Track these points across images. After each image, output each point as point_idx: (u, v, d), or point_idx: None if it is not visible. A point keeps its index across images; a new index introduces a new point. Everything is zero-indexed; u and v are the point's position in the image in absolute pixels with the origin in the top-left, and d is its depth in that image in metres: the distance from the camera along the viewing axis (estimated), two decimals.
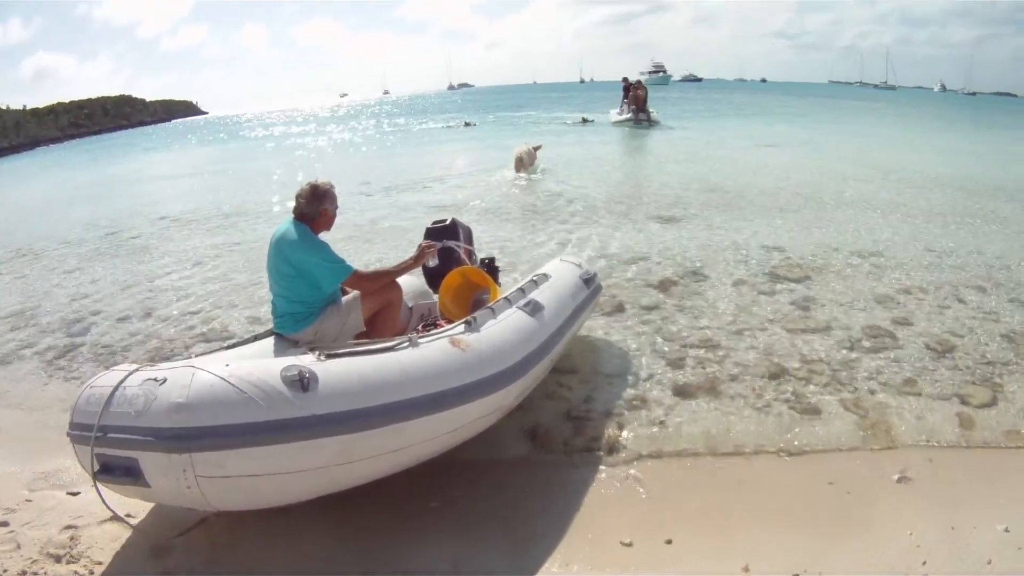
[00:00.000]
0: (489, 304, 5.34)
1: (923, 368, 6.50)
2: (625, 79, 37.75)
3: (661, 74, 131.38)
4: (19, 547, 4.22)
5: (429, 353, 4.35)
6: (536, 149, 21.87)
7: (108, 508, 3.90)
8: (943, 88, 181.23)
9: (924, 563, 3.82)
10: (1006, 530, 4.13)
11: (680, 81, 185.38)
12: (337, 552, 4.18)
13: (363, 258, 11.15)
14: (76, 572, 3.98)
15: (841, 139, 30.82)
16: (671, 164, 22.49)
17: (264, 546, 4.23)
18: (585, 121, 38.31)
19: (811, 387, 6.19)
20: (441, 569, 4.00)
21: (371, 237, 13.30)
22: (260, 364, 3.83)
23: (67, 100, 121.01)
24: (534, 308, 5.41)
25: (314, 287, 5.09)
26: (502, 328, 4.97)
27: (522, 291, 5.72)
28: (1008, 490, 4.64)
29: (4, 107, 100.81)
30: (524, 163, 20.26)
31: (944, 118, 48.61)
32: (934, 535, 4.09)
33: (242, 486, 3.55)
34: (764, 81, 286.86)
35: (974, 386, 6.11)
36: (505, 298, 5.47)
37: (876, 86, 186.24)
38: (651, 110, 35.40)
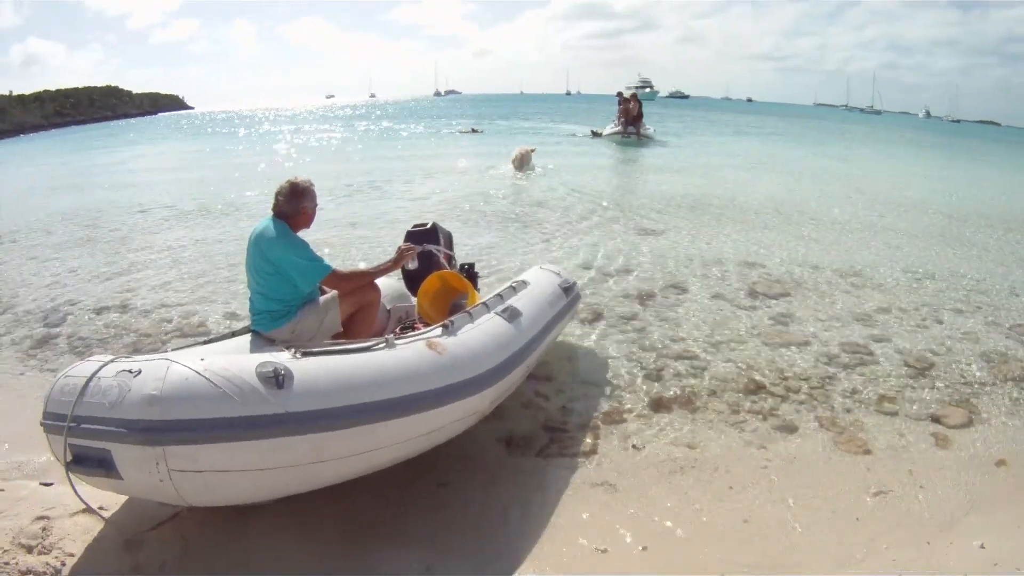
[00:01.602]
0: (467, 309, 5.35)
1: (901, 386, 6.58)
2: (620, 93, 37.65)
3: (648, 89, 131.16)
4: None
5: (405, 355, 4.35)
6: (531, 151, 24.55)
7: (80, 500, 3.87)
8: (928, 114, 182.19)
9: None
10: (981, 547, 4.18)
11: (667, 97, 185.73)
12: (307, 552, 4.17)
13: (342, 258, 11.15)
14: (48, 563, 3.94)
15: (825, 161, 31.06)
16: (656, 178, 22.68)
17: (235, 544, 4.21)
18: (595, 135, 37.78)
19: (788, 403, 6.25)
20: (413, 572, 4.00)
21: (351, 238, 13.30)
22: (235, 360, 3.83)
23: (54, 88, 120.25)
24: (512, 314, 5.43)
25: (292, 285, 5.07)
26: (479, 333, 4.98)
27: (500, 297, 5.75)
28: (983, 507, 4.70)
29: None
30: (520, 162, 23.12)
31: (928, 144, 48.97)
32: (910, 550, 4.14)
33: (215, 481, 3.53)
34: (750, 101, 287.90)
35: (950, 407, 6.19)
36: (483, 303, 5.48)
37: (862, 110, 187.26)
38: (647, 126, 35.34)
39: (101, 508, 4.28)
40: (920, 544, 4.20)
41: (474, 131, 45.79)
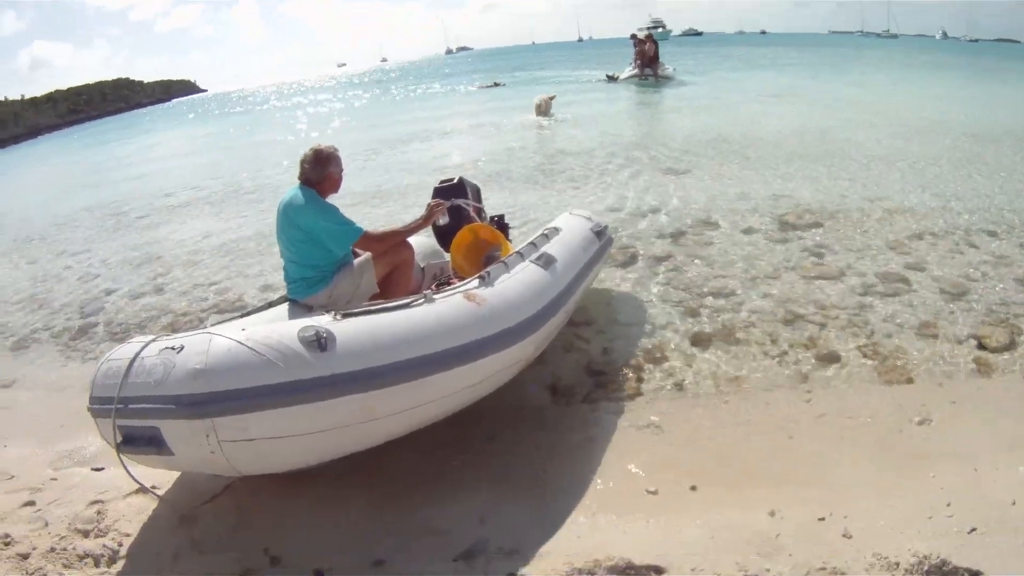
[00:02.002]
0: (502, 259, 5.31)
1: (938, 311, 6.45)
2: (634, 35, 37.16)
3: (660, 29, 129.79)
4: (47, 525, 4.23)
5: (445, 309, 4.33)
6: (551, 98, 25.29)
7: (133, 479, 3.90)
8: (944, 35, 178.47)
9: (948, 504, 3.79)
10: None
11: (680, 36, 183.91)
12: (362, 513, 4.18)
13: (370, 221, 11.15)
14: (105, 546, 3.98)
15: (843, 88, 30.47)
16: (677, 117, 22.53)
17: (289, 510, 4.24)
18: (610, 79, 37.26)
19: (827, 333, 6.16)
20: (467, 524, 4.00)
21: (377, 200, 13.33)
22: (276, 327, 3.83)
23: (64, 88, 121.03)
24: (547, 261, 5.39)
25: (325, 251, 5.07)
26: (516, 282, 4.95)
27: (534, 245, 5.70)
28: None
29: (2, 98, 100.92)
30: (542, 108, 24.23)
31: (946, 65, 48.01)
32: (957, 477, 4.06)
33: (265, 449, 3.54)
34: (764, 33, 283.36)
35: (991, 327, 6.04)
36: (517, 252, 5.45)
37: (878, 35, 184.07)
38: (666, 66, 34.95)
39: (154, 487, 4.29)
40: (967, 471, 4.12)
41: (496, 84, 45.41)
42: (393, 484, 4.42)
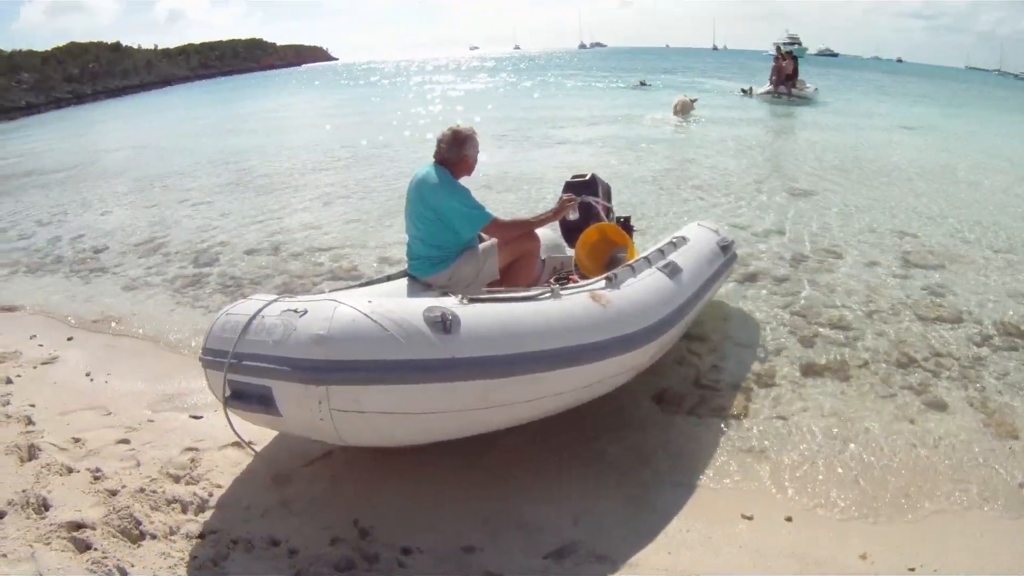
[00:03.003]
0: (629, 263, 5.23)
1: None
2: (778, 48, 36.35)
3: (796, 46, 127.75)
4: (139, 465, 4.30)
5: (570, 306, 4.28)
6: (693, 101, 26.55)
7: (235, 432, 3.92)
8: None
9: None
10: None
11: (816, 55, 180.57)
12: (455, 498, 4.18)
13: (499, 206, 11.12)
14: (195, 493, 4.03)
15: (978, 128, 29.54)
16: (809, 137, 22.05)
17: (383, 485, 4.25)
18: (745, 93, 36.47)
19: (939, 380, 5.92)
20: (560, 523, 3.98)
21: (506, 187, 13.34)
22: (402, 303, 3.81)
23: (198, 42, 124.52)
24: (673, 270, 5.30)
25: (452, 232, 5.06)
26: (642, 287, 4.87)
27: (661, 252, 5.62)
28: None
29: (136, 46, 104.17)
30: (681, 109, 25.21)
31: None
32: None
33: (376, 423, 3.53)
34: (900, 61, 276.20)
35: None
36: (645, 258, 5.37)
37: (1016, 76, 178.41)
38: (807, 84, 34.04)
39: (251, 443, 4.34)
40: None
41: (643, 84, 45.01)
42: (490, 473, 4.42)
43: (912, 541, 3.91)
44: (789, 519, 4.10)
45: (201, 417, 5.01)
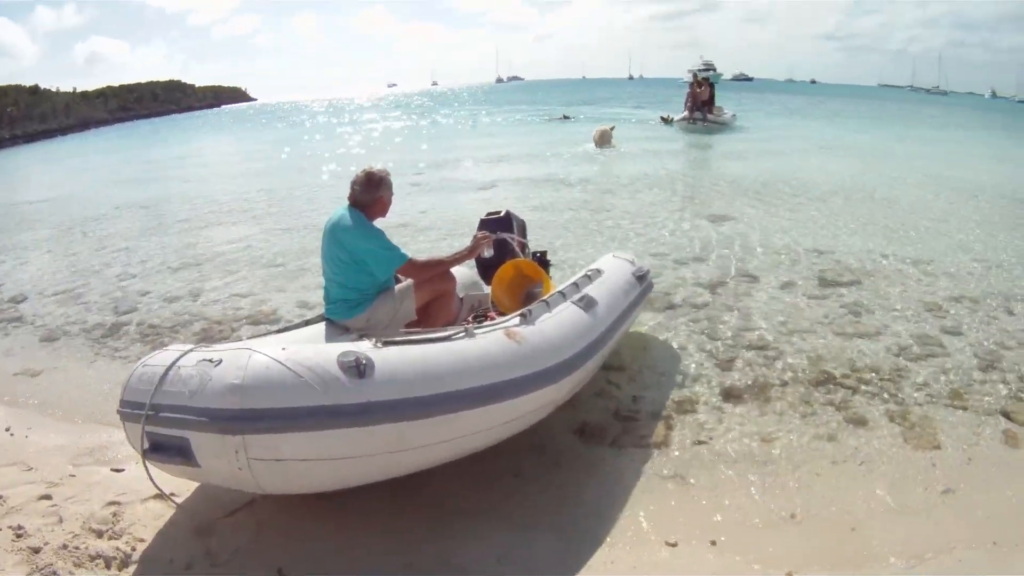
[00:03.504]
0: (544, 298, 5.29)
1: (971, 380, 6.35)
2: (694, 75, 36.65)
3: (711, 72, 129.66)
4: (61, 521, 4.23)
5: (485, 344, 4.32)
6: (611, 128, 27.94)
7: (155, 486, 3.90)
8: (994, 95, 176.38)
9: None
10: None
11: (731, 80, 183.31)
12: (379, 541, 4.17)
13: (414, 248, 11.18)
14: (118, 548, 3.98)
15: (895, 144, 30.34)
16: (722, 162, 22.70)
17: (307, 531, 4.23)
18: (665, 121, 36.68)
19: (858, 396, 6.10)
20: (486, 562, 3.98)
21: (421, 227, 13.36)
22: (317, 349, 3.82)
23: (117, 84, 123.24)
24: (588, 303, 5.37)
25: (368, 274, 5.09)
26: (557, 322, 4.92)
27: (576, 286, 5.68)
28: None
29: (55, 90, 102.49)
30: (601, 139, 26.62)
31: (996, 126, 47.72)
32: (977, 550, 4.03)
33: (295, 470, 3.53)
34: (814, 82, 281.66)
35: (1021, 402, 5.95)
36: (559, 292, 5.42)
37: (928, 91, 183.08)
38: (724, 110, 34.34)
39: (172, 495, 4.31)
40: (987, 543, 4.08)
41: (565, 118, 45.24)
42: (414, 514, 4.41)
43: (837, 555, 4.01)
44: (713, 543, 4.15)
45: (123, 470, 4.93)
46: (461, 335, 4.31)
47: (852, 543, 4.15)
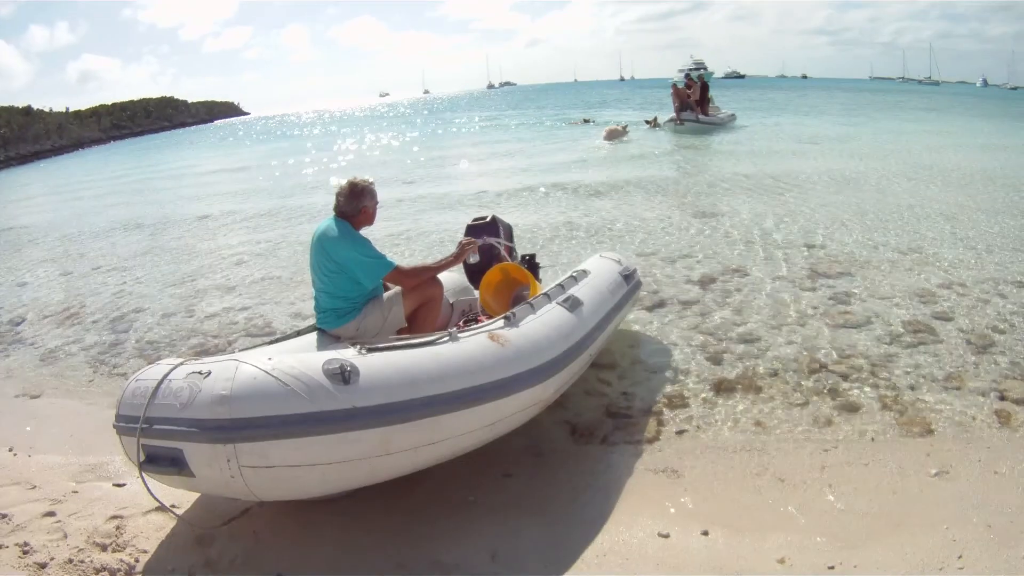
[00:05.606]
0: (529, 300, 5.35)
1: (963, 363, 6.40)
2: (687, 76, 36.25)
3: (702, 71, 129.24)
4: (66, 536, 4.27)
5: (468, 347, 4.38)
6: (624, 127, 30.55)
7: (154, 497, 3.95)
8: (985, 83, 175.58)
9: (960, 557, 3.79)
10: None
11: (723, 78, 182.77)
12: (374, 543, 4.21)
13: (404, 254, 11.23)
14: (122, 560, 4.03)
15: (885, 135, 30.16)
16: (717, 160, 22.63)
17: (304, 536, 4.28)
18: (649, 124, 36.13)
19: (850, 383, 6.14)
20: (478, 561, 4.02)
21: (413, 234, 13.42)
22: (302, 357, 3.89)
23: (110, 103, 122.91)
24: (573, 304, 5.43)
25: (356, 283, 5.15)
26: (541, 323, 4.98)
27: (561, 287, 5.73)
28: None
29: (48, 109, 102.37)
30: (614, 136, 28.83)
31: (987, 114, 47.56)
32: (971, 531, 4.04)
33: (284, 476, 3.60)
34: (805, 77, 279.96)
35: (1014, 381, 6.00)
36: (544, 294, 5.48)
37: (919, 81, 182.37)
38: (721, 109, 34.48)
39: (173, 506, 4.35)
40: (981, 524, 4.10)
41: (586, 121, 44.11)
42: (408, 516, 4.46)
43: (829, 542, 4.03)
44: (705, 533, 4.18)
45: (124, 484, 4.97)
46: (444, 339, 4.38)
47: (844, 529, 4.19)
